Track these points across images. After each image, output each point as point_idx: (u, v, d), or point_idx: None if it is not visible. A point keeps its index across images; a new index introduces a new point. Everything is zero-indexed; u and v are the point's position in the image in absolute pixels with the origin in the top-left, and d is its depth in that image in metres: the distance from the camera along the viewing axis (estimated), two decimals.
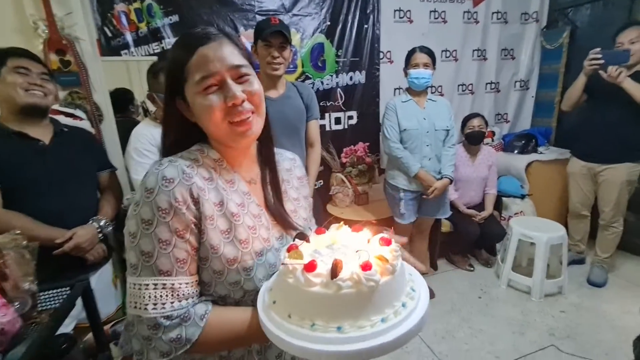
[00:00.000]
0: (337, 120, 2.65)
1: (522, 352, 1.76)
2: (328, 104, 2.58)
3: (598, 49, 2.01)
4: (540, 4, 3.00)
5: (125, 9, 2.01)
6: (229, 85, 0.57)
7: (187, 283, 0.56)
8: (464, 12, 2.79)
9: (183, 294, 0.55)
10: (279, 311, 0.50)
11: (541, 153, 2.82)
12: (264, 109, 0.64)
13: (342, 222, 0.62)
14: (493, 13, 2.88)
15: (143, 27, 2.05)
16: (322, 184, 2.65)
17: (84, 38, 1.86)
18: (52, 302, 0.99)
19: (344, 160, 2.68)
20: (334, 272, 0.46)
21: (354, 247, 0.54)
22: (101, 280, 1.43)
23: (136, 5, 2.02)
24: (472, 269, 2.56)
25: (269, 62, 1.54)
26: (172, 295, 0.54)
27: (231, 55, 0.58)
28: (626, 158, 2.11)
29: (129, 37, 2.05)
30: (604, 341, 1.79)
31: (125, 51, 2.06)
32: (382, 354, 0.45)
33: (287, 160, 0.79)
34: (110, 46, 2.02)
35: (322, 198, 2.49)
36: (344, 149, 2.68)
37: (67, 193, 1.26)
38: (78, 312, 1.15)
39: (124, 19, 2.02)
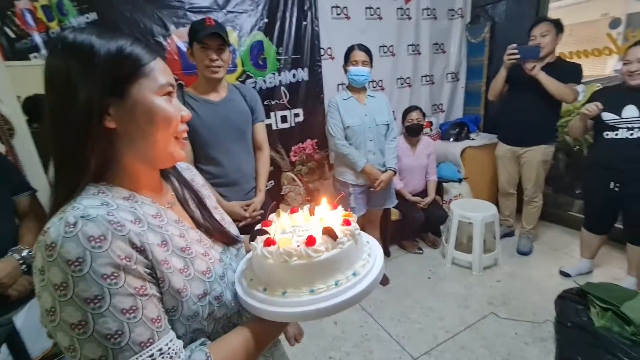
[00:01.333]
0: (284, 119, 2.63)
1: (467, 322, 1.94)
2: (273, 103, 2.55)
3: (514, 45, 2.24)
4: (464, 0, 3.23)
5: (30, 6, 1.78)
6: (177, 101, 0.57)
7: (172, 340, 0.49)
8: (397, 8, 2.91)
9: (175, 353, 0.48)
10: (299, 294, 0.54)
11: (473, 139, 3.08)
12: None
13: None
14: (423, 9, 3.04)
15: (54, 27, 1.83)
16: (273, 184, 2.62)
17: None
18: None
19: (293, 158, 2.68)
20: (333, 234, 0.55)
21: (305, 226, 0.63)
22: (30, 316, 1.27)
23: (43, 1, 1.78)
24: (420, 251, 2.74)
25: (208, 66, 1.46)
26: None
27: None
28: (541, 141, 2.40)
29: (37, 38, 1.81)
30: (533, 303, 2.05)
31: (35, 54, 1.82)
32: (338, 312, 0.53)
33: (186, 172, 0.73)
34: (14, 49, 1.77)
35: (273, 198, 2.47)
36: (293, 148, 2.68)
37: None
38: (5, 357, 1.02)
39: (29, 18, 1.78)
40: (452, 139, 3.11)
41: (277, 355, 0.70)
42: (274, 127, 2.58)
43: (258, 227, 0.63)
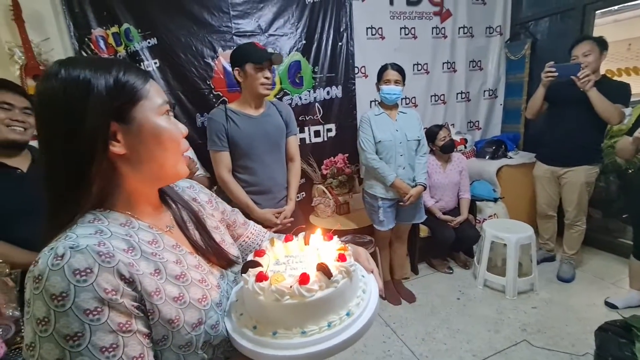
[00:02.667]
0: (317, 133, 2.74)
1: (496, 348, 1.85)
2: (307, 118, 2.67)
3: (552, 63, 2.18)
4: (503, 18, 3.20)
5: (103, 34, 2.06)
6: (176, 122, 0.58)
7: None
8: (432, 28, 2.96)
9: None
10: (290, 336, 0.51)
11: (510, 158, 2.98)
12: None
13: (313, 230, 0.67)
14: (459, 28, 3.05)
15: (121, 51, 2.10)
16: (304, 195, 2.72)
17: None
18: None
19: (324, 172, 2.77)
20: (327, 272, 0.52)
21: (299, 257, 0.61)
22: None
23: (114, 29, 2.06)
24: (450, 271, 2.67)
25: (263, 84, 1.63)
26: None
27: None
28: (584, 161, 2.27)
29: None
30: (571, 333, 1.91)
31: None
32: (377, 314, 0.54)
33: (187, 191, 0.72)
34: None
35: (304, 210, 2.56)
36: (324, 161, 2.77)
37: (44, 218, 1.28)
38: None
39: (102, 43, 2.06)
40: (488, 157, 3.03)
41: None
42: (307, 141, 2.70)
43: (250, 257, 0.61)
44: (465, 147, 3.20)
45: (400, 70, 2.09)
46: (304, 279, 0.51)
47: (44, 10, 1.89)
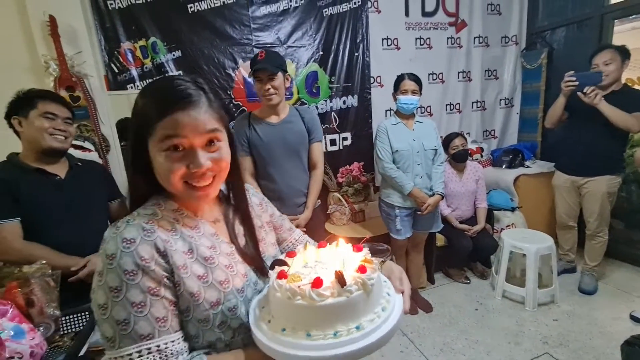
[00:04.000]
0: (333, 142, 2.78)
1: None
2: (323, 127, 2.71)
3: (572, 72, 2.16)
4: (518, 28, 3.21)
5: (131, 47, 2.16)
6: (196, 153, 0.57)
7: (172, 341, 0.54)
8: (448, 38, 2.98)
9: (171, 353, 0.53)
10: (296, 336, 0.52)
11: (528, 167, 2.95)
12: (226, 172, 0.64)
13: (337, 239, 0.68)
14: (475, 38, 3.07)
15: (148, 63, 2.20)
16: (319, 203, 2.74)
17: (92, 75, 2.00)
18: (72, 326, 1.07)
19: (340, 180, 2.79)
20: (342, 281, 0.53)
21: (327, 263, 0.61)
22: None
23: (141, 43, 2.16)
24: (468, 281, 2.64)
25: (264, 95, 1.66)
26: (160, 357, 0.52)
27: (206, 120, 0.57)
28: (606, 171, 2.23)
29: (134, 72, 2.18)
30: (595, 347, 1.86)
31: (131, 85, 2.19)
32: (392, 335, 0.53)
33: None
34: (117, 81, 2.16)
35: (320, 216, 2.59)
36: (340, 169, 2.80)
37: (81, 223, 1.34)
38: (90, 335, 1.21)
39: (129, 56, 2.16)
40: (504, 166, 3.01)
41: None
42: (323, 150, 2.73)
43: (282, 256, 0.65)
44: (482, 156, 3.18)
45: (417, 80, 2.11)
46: (316, 283, 0.52)
47: (78, 25, 1.99)
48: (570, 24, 2.94)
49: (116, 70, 2.15)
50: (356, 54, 2.69)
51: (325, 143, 2.75)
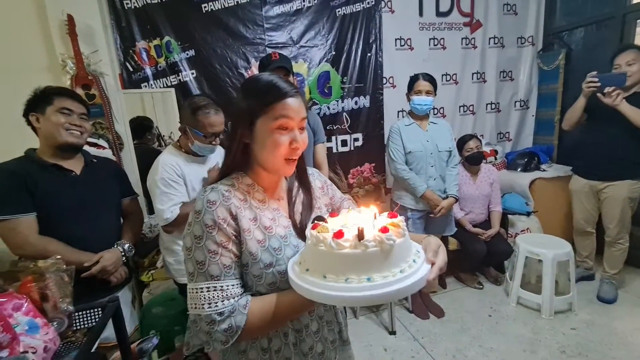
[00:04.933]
0: (344, 143, 2.76)
1: None
2: (335, 128, 2.70)
3: (595, 72, 2.09)
4: (535, 28, 3.14)
5: (146, 46, 2.18)
6: (296, 133, 0.71)
7: (233, 285, 0.67)
8: (462, 38, 2.94)
9: (230, 294, 0.66)
10: (314, 275, 0.60)
11: (544, 170, 2.88)
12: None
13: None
14: (490, 38, 3.02)
15: (162, 62, 2.21)
16: None
17: (107, 73, 2.02)
18: (85, 322, 1.06)
19: (351, 181, 2.77)
20: (361, 235, 0.58)
21: (363, 224, 0.64)
22: (122, 301, 1.48)
23: (156, 42, 2.18)
24: (481, 286, 2.57)
25: None
26: (222, 295, 0.65)
27: (302, 109, 0.72)
28: (627, 175, 2.16)
29: (148, 71, 2.20)
30: (616, 358, 1.79)
31: (145, 84, 2.21)
32: (403, 296, 0.57)
33: (310, 177, 0.90)
34: (132, 80, 2.17)
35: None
36: (351, 170, 2.78)
37: (95, 219, 1.35)
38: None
39: (144, 55, 2.18)
40: (519, 169, 2.94)
41: (344, 355, 0.78)
42: (334, 150, 2.72)
43: (326, 215, 0.73)
44: (496, 159, 3.12)
45: (431, 80, 2.08)
46: (338, 234, 0.59)
47: (95, 24, 2.01)
48: (590, 24, 2.87)
49: (131, 69, 2.17)
50: (369, 54, 2.67)
51: (337, 144, 2.73)
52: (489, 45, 3.03)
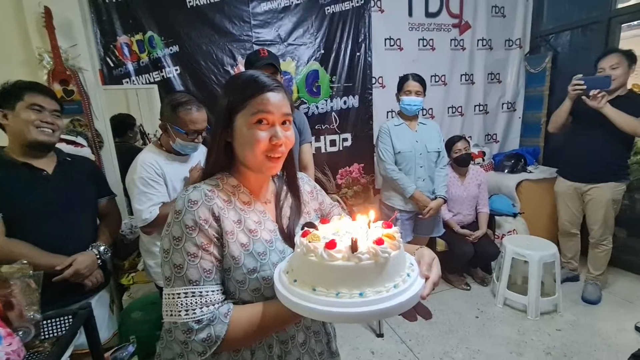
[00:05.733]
0: (332, 143, 2.73)
1: None
2: (323, 127, 2.66)
3: (580, 75, 2.12)
4: (523, 31, 3.17)
5: (128, 41, 2.10)
6: (277, 128, 0.68)
7: (213, 291, 0.63)
8: (451, 39, 2.94)
9: (210, 300, 0.62)
10: (303, 287, 0.56)
11: (530, 172, 2.91)
12: (288, 151, 0.73)
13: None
14: (478, 40, 3.03)
15: (144, 58, 2.14)
16: None
17: (87, 68, 1.94)
18: (54, 331, 1.00)
19: (339, 181, 2.74)
20: (354, 247, 0.54)
21: (355, 233, 0.60)
22: (98, 306, 1.42)
23: (138, 37, 2.11)
24: (468, 288, 2.58)
25: None
26: (201, 301, 0.61)
27: (285, 105, 0.69)
28: (610, 178, 2.19)
29: (130, 66, 2.13)
30: (600, 359, 1.81)
31: (127, 80, 2.13)
32: (396, 314, 0.55)
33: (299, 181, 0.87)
34: (112, 75, 2.10)
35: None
36: (340, 171, 2.75)
37: (68, 220, 1.29)
38: (75, 338, 1.15)
39: (126, 50, 2.10)
40: (506, 171, 2.96)
41: (289, 358, 0.73)
42: (322, 150, 2.69)
43: (317, 222, 0.69)
44: (483, 160, 3.14)
45: (421, 81, 2.06)
46: (330, 244, 0.55)
47: (73, 17, 1.93)
48: (576, 27, 2.91)
49: (112, 65, 2.09)
50: (358, 54, 2.64)
51: (325, 144, 2.70)
52: (478, 47, 3.05)
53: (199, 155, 1.54)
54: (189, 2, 2.17)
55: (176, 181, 1.44)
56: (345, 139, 2.76)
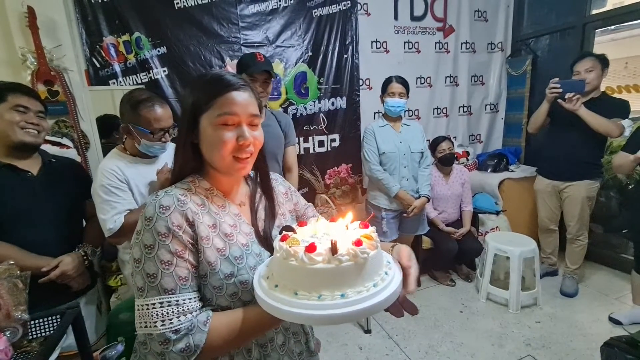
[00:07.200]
0: (321, 143, 2.76)
1: None
2: (311, 128, 2.70)
3: (557, 79, 2.21)
4: (504, 35, 3.27)
5: (114, 42, 2.09)
6: (243, 128, 0.67)
7: (190, 298, 0.61)
8: (436, 42, 3.02)
9: (187, 309, 0.60)
10: (284, 292, 0.56)
11: (512, 171, 3.01)
12: (257, 151, 0.73)
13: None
14: (462, 43, 3.12)
15: (131, 58, 2.13)
16: None
17: (72, 69, 1.93)
18: (42, 331, 1.01)
19: (328, 181, 2.78)
20: (334, 249, 0.55)
21: (334, 235, 0.61)
22: (85, 307, 1.43)
23: (125, 38, 2.10)
24: (453, 284, 2.65)
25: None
26: (178, 310, 0.59)
27: (251, 104, 0.68)
28: (585, 176, 2.29)
29: (117, 67, 2.12)
30: (575, 349, 1.89)
31: (114, 81, 2.12)
32: (378, 312, 0.55)
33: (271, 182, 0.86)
34: (99, 76, 2.09)
35: None
36: (328, 171, 2.79)
37: (54, 222, 1.28)
38: (62, 340, 1.15)
39: (112, 51, 2.09)
40: (489, 170, 3.05)
41: None
42: (311, 151, 2.72)
43: (295, 225, 0.69)
44: (467, 160, 3.23)
45: (404, 83, 2.12)
46: (310, 248, 0.55)
47: (58, 17, 1.91)
48: (554, 32, 3.02)
49: (98, 65, 2.08)
50: (345, 56, 2.69)
51: (313, 144, 2.74)
52: (461, 50, 3.14)
53: (166, 157, 1.43)
54: (177, 3, 2.17)
55: (142, 186, 1.36)
56: (333, 140, 2.80)
